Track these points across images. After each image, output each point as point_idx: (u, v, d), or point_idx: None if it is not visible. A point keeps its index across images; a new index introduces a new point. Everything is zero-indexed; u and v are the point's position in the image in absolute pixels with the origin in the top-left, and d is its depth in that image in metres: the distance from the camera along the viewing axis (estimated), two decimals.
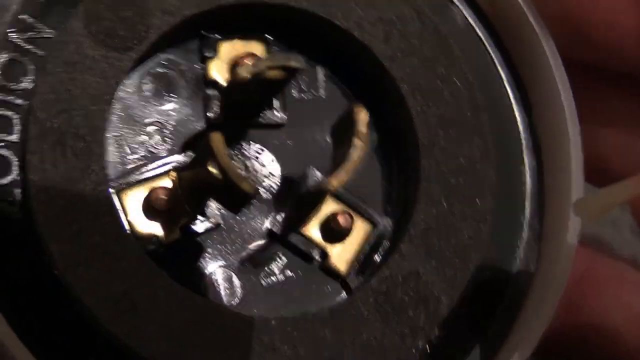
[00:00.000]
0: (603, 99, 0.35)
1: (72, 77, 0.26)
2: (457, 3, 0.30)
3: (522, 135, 0.30)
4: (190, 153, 0.28)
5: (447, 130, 0.28)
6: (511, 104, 0.30)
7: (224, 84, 0.29)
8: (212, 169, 0.25)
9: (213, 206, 0.28)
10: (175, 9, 0.27)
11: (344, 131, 0.28)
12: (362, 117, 0.26)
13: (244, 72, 0.26)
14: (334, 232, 0.29)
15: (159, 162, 0.28)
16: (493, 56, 0.30)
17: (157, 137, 0.29)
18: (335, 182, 0.26)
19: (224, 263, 0.28)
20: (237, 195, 0.25)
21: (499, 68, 0.30)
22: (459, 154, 0.28)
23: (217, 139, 0.25)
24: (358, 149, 0.26)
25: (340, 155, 0.27)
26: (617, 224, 0.51)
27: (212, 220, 0.28)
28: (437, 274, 0.27)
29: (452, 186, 0.28)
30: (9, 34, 0.26)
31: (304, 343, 0.26)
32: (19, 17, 0.27)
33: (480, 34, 0.30)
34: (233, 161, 0.28)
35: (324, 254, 0.29)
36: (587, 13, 0.31)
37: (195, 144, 0.28)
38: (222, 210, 0.28)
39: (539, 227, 0.29)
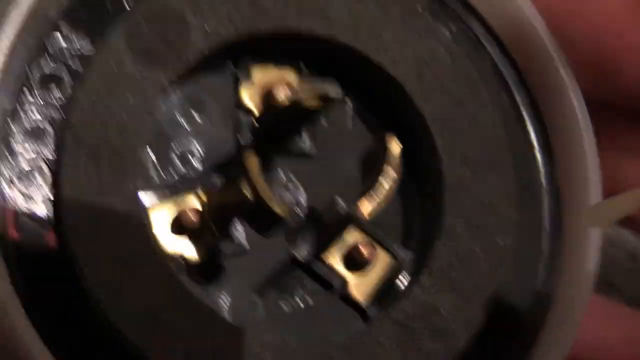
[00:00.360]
0: (621, 130, 0.35)
1: (110, 93, 0.26)
2: (487, 46, 0.30)
3: (543, 176, 0.30)
4: (219, 174, 0.28)
5: (472, 169, 0.28)
6: (533, 146, 0.30)
7: (256, 108, 0.29)
8: (244, 189, 0.25)
9: (239, 229, 0.28)
10: (215, 32, 0.27)
11: (374, 161, 0.28)
12: (395, 147, 0.27)
13: (282, 98, 0.27)
14: (356, 261, 0.28)
15: (189, 181, 0.28)
16: (518, 98, 0.30)
17: (188, 157, 0.28)
18: (365, 210, 0.26)
19: (247, 286, 0.28)
20: (268, 217, 0.25)
21: (523, 110, 0.30)
22: (483, 193, 0.28)
23: (251, 160, 0.26)
24: (390, 179, 0.26)
25: (368, 184, 0.27)
26: None
27: (238, 243, 0.28)
28: (455, 309, 0.27)
29: (474, 224, 0.28)
30: (49, 48, 0.26)
31: None
32: (60, 29, 0.27)
33: (507, 76, 0.30)
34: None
35: (344, 283, 0.28)
36: (619, 58, 0.31)
37: (224, 165, 0.28)
38: (248, 234, 0.28)
39: (556, 264, 0.29)
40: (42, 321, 0.24)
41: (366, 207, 0.26)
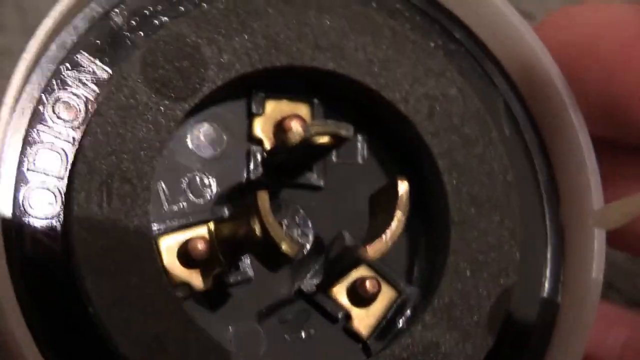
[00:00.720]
0: (632, 168, 0.35)
1: (124, 122, 0.26)
2: (499, 85, 0.30)
3: (548, 217, 0.30)
4: (229, 205, 0.28)
5: (479, 209, 0.28)
6: (540, 186, 0.30)
7: (268, 141, 0.29)
8: (255, 226, 0.25)
9: (247, 260, 0.28)
10: (230, 65, 0.27)
11: (382, 201, 0.28)
12: (405, 189, 0.26)
13: (295, 137, 0.26)
14: (360, 296, 0.28)
15: (199, 211, 0.28)
16: (527, 138, 0.30)
17: (198, 187, 0.28)
18: (373, 252, 0.26)
19: (252, 315, 0.28)
20: (276, 255, 0.25)
21: (532, 151, 0.30)
22: (489, 233, 0.28)
23: (263, 198, 0.25)
24: (399, 222, 0.26)
25: (376, 224, 0.27)
26: None
27: (245, 273, 0.28)
28: (457, 347, 0.27)
29: (479, 263, 0.28)
30: (65, 72, 0.26)
31: None
32: (76, 56, 0.27)
33: (518, 116, 0.30)
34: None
35: (348, 316, 0.28)
36: (632, 97, 0.30)
37: (234, 196, 0.28)
38: (254, 264, 0.28)
39: (557, 306, 0.29)
40: (46, 343, 0.24)
41: (377, 248, 0.25)
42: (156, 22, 0.28)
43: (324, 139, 0.27)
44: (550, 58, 0.30)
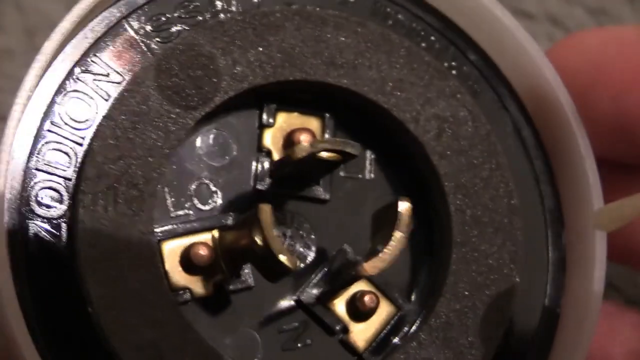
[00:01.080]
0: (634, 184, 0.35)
1: (135, 127, 0.26)
2: (510, 109, 0.30)
3: (551, 243, 0.30)
4: (234, 214, 0.28)
5: (481, 231, 0.28)
6: (545, 212, 0.30)
7: (277, 152, 0.29)
8: (256, 238, 0.25)
9: (248, 268, 0.28)
10: (243, 77, 0.27)
11: (385, 219, 0.27)
12: (407, 210, 0.26)
13: (301, 152, 0.26)
14: (359, 310, 0.28)
15: (203, 218, 0.28)
16: (535, 164, 0.30)
17: (205, 194, 0.28)
18: (370, 269, 0.26)
19: (250, 323, 0.28)
20: (276, 267, 0.25)
21: (539, 176, 0.30)
22: (490, 256, 0.28)
23: (265, 211, 0.25)
24: (398, 241, 0.26)
25: (377, 241, 0.27)
26: None
27: (245, 281, 0.28)
28: None
29: (478, 285, 0.28)
30: (80, 75, 0.26)
31: None
32: (91, 59, 0.27)
33: (527, 141, 0.30)
34: (276, 232, 0.27)
35: (346, 329, 0.28)
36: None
37: (240, 205, 0.28)
38: (256, 273, 0.28)
39: (557, 320, 0.29)
40: (45, 342, 0.24)
41: (376, 266, 0.25)
42: (173, 30, 0.28)
43: (330, 155, 0.27)
44: (561, 83, 0.30)
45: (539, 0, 0.40)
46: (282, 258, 0.24)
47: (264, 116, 0.29)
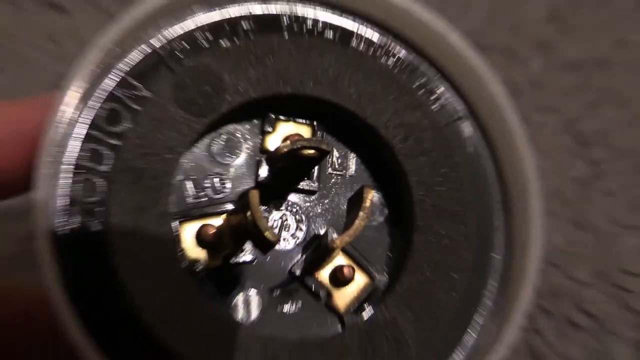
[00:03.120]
0: None
1: (156, 130, 0.28)
2: (466, 119, 0.31)
3: (498, 219, 0.31)
4: (238, 202, 0.30)
5: (439, 218, 0.29)
6: (494, 205, 0.31)
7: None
8: (248, 218, 0.26)
9: (249, 244, 0.29)
10: (244, 91, 0.29)
11: (355, 203, 0.29)
12: (369, 196, 0.28)
13: (284, 148, 0.28)
14: (339, 279, 0.30)
15: (215, 205, 0.30)
16: (485, 163, 0.31)
17: (217, 186, 0.30)
18: (339, 242, 0.27)
19: (250, 290, 0.29)
20: (263, 241, 0.26)
21: (487, 172, 0.31)
22: (446, 237, 0.29)
23: (254, 195, 0.26)
24: (361, 220, 0.27)
25: (349, 220, 0.29)
26: None
27: (249, 255, 0.29)
28: (411, 325, 0.28)
29: (436, 261, 0.29)
30: (115, 89, 0.28)
31: None
32: (125, 76, 0.28)
33: (479, 146, 0.31)
34: (265, 214, 0.30)
35: (329, 295, 0.30)
36: None
37: (243, 195, 0.29)
38: (256, 251, 0.29)
39: (499, 300, 0.30)
40: (80, 303, 0.25)
41: (343, 240, 0.27)
42: (190, 54, 0.29)
43: (309, 152, 0.28)
44: (508, 102, 0.30)
45: (496, 38, 0.40)
46: (266, 233, 0.26)
47: (266, 124, 0.30)
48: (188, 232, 0.29)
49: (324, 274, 0.30)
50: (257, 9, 0.30)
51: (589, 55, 0.39)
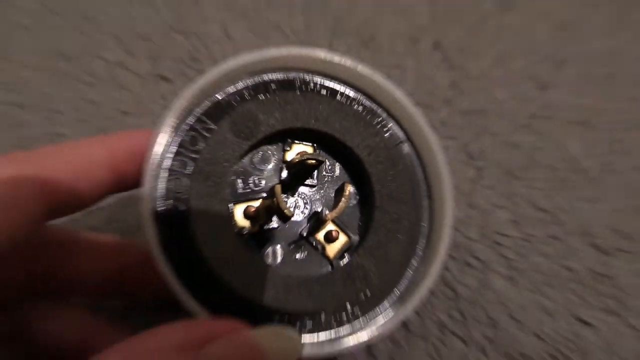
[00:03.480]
0: None
1: (219, 149, 0.26)
2: (405, 142, 0.29)
3: (425, 203, 0.28)
4: (269, 192, 0.28)
5: (390, 201, 0.28)
6: (423, 193, 0.29)
7: (292, 163, 0.28)
8: (274, 201, 0.25)
9: (276, 217, 0.28)
10: (272, 125, 0.27)
11: (339, 192, 0.28)
12: (347, 189, 0.26)
13: (295, 159, 0.27)
14: (329, 238, 0.28)
15: (254, 194, 0.28)
16: (418, 170, 0.29)
17: (256, 182, 0.28)
18: (330, 216, 0.26)
19: (276, 245, 0.28)
20: (283, 215, 0.25)
21: (418, 174, 0.29)
22: (394, 213, 0.27)
23: (278, 188, 0.25)
24: (342, 203, 0.26)
25: (335, 203, 0.27)
26: None
27: (275, 224, 0.28)
28: (373, 266, 0.27)
29: (388, 227, 0.27)
30: (194, 124, 0.27)
31: (306, 291, 0.26)
32: (200, 116, 0.27)
33: (413, 160, 0.29)
34: (285, 199, 0.28)
35: (323, 248, 0.28)
36: None
37: (272, 188, 0.27)
38: (279, 221, 0.28)
39: (426, 251, 0.28)
40: (171, 257, 0.24)
41: (332, 215, 0.26)
42: (239, 102, 0.27)
43: (311, 162, 0.27)
44: (431, 132, 0.28)
45: (420, 97, 0.39)
46: (285, 211, 0.25)
47: (285, 146, 0.29)
48: (238, 210, 0.27)
49: (320, 235, 0.28)
50: (281, 76, 0.29)
51: (473, 107, 0.38)
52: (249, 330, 0.21)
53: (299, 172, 0.28)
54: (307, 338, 0.25)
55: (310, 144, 0.29)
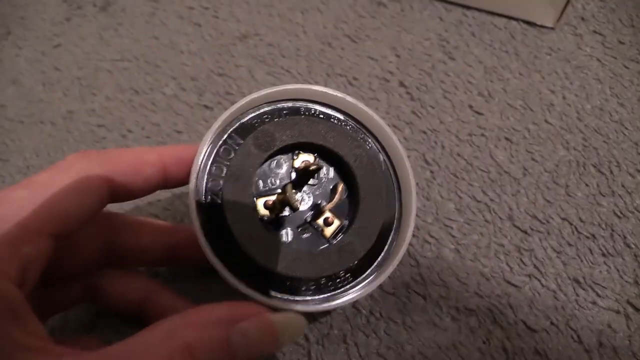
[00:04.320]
0: None
1: (245, 158, 0.24)
2: (382, 153, 0.27)
3: (396, 196, 0.27)
4: (282, 189, 0.26)
5: (371, 194, 0.26)
6: (394, 187, 0.27)
7: (299, 169, 0.27)
8: (286, 195, 0.24)
9: (288, 208, 0.26)
10: (285, 140, 0.25)
11: (334, 189, 0.26)
12: (340, 187, 0.25)
13: (301, 166, 0.25)
14: (327, 222, 0.26)
15: (272, 190, 0.26)
16: (392, 174, 0.27)
17: (273, 182, 0.26)
18: (327, 207, 0.25)
19: (287, 227, 0.26)
20: (293, 206, 0.24)
21: (392, 173, 0.27)
22: (374, 202, 0.26)
23: (289, 187, 0.24)
24: (337, 197, 0.25)
25: (331, 197, 0.25)
26: None
27: (287, 213, 0.26)
28: (360, 243, 0.25)
29: (370, 214, 0.25)
30: (226, 140, 0.25)
31: (310, 261, 0.24)
32: (231, 133, 0.25)
33: (389, 166, 0.27)
34: (294, 194, 0.26)
35: (322, 230, 0.26)
36: None
37: (284, 186, 0.25)
38: (290, 211, 0.26)
39: (398, 231, 0.26)
40: (210, 236, 0.23)
41: (329, 206, 0.25)
42: (260, 123, 0.26)
43: (313, 167, 0.25)
44: (400, 146, 0.27)
45: (392, 120, 0.37)
46: (294, 203, 0.24)
47: (294, 155, 0.27)
48: (260, 203, 0.25)
49: (320, 221, 0.26)
50: (290, 104, 0.27)
51: (428, 127, 0.37)
52: (269, 314, 0.20)
53: (304, 175, 0.26)
54: (310, 297, 0.24)
55: (312, 154, 0.27)
